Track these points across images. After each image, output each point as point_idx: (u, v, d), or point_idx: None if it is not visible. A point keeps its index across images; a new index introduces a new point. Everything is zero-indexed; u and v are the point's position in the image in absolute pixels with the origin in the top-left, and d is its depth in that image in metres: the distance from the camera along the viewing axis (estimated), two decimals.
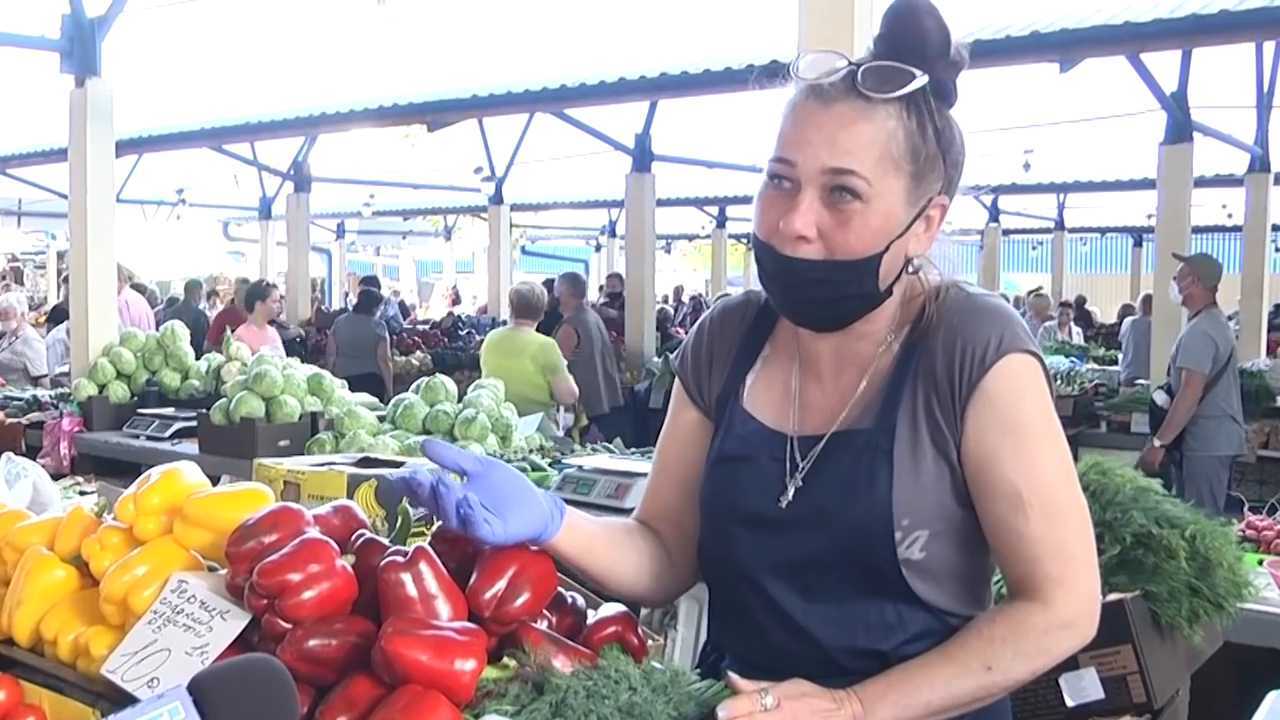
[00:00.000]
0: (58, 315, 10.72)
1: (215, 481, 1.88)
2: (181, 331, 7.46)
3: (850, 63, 1.48)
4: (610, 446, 5.48)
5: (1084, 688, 2.30)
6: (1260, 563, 3.51)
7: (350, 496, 2.43)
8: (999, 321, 1.52)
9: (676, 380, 1.77)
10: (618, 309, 12.97)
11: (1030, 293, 17.48)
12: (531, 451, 5.43)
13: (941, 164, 1.51)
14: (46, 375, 9.46)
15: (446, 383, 5.74)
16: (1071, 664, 2.26)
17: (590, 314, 9.55)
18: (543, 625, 1.53)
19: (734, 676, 1.44)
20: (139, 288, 13.17)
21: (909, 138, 1.47)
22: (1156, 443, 6.74)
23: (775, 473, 1.59)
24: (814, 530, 1.55)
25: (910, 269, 1.56)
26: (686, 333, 10.12)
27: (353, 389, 6.64)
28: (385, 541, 1.59)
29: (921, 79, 1.46)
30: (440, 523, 1.51)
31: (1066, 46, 7.57)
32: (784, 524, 1.57)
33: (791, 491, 1.57)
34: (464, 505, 1.44)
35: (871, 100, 1.45)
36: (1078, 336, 15.70)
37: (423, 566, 1.46)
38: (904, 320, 1.58)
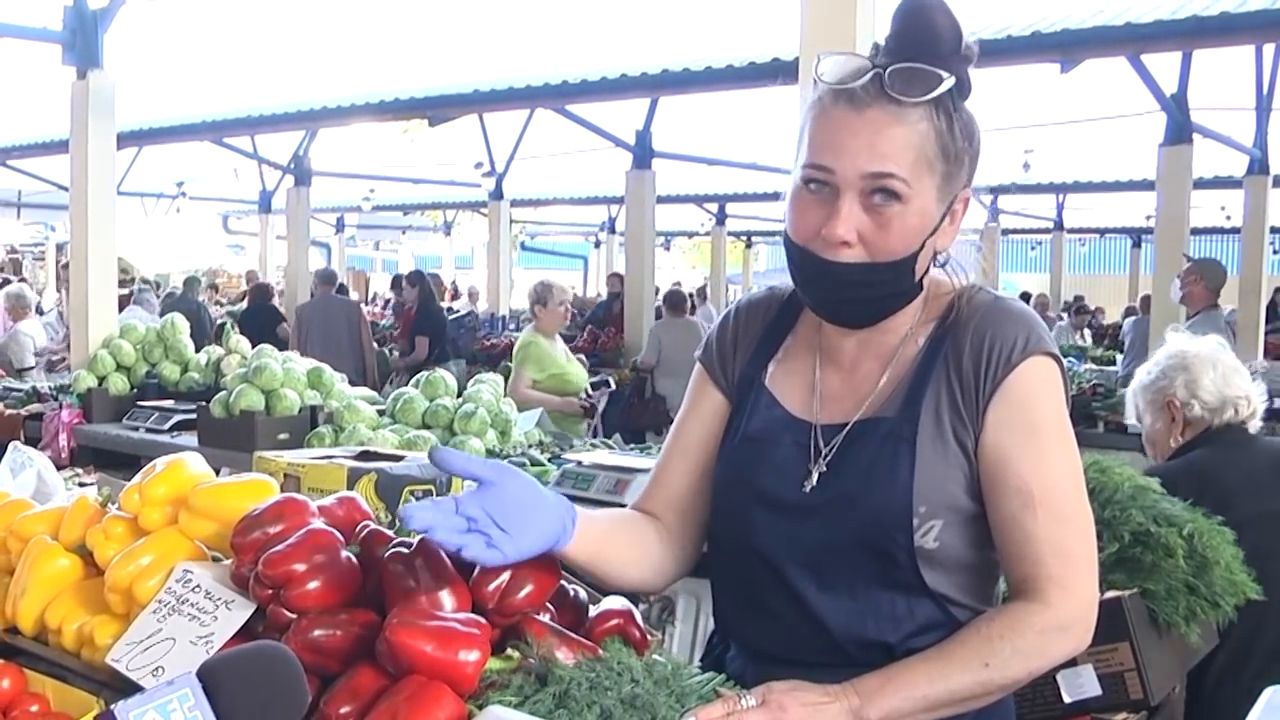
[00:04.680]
0: None
1: (215, 474, 1.88)
2: (181, 324, 7.45)
3: (874, 64, 1.49)
4: (610, 442, 5.48)
5: (1081, 684, 2.31)
6: None
7: (350, 489, 2.44)
8: (1025, 323, 1.56)
9: (698, 368, 1.78)
10: (618, 308, 12.99)
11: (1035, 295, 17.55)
12: (531, 446, 5.43)
13: (966, 158, 1.55)
14: (32, 368, 9.44)
15: (446, 377, 5.74)
16: (1069, 660, 2.27)
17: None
18: (545, 618, 1.54)
19: (720, 691, 1.44)
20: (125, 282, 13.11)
21: (939, 138, 1.50)
22: None
23: (798, 458, 1.61)
24: (836, 516, 1.56)
25: (937, 262, 1.59)
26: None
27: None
28: (389, 533, 1.59)
29: (949, 80, 1.48)
30: None
31: (1067, 47, 7.58)
32: (806, 510, 1.59)
33: (816, 477, 1.59)
34: (473, 525, 1.39)
35: (903, 103, 1.47)
36: (1088, 340, 15.66)
37: (427, 557, 1.47)
38: (929, 316, 1.61)
